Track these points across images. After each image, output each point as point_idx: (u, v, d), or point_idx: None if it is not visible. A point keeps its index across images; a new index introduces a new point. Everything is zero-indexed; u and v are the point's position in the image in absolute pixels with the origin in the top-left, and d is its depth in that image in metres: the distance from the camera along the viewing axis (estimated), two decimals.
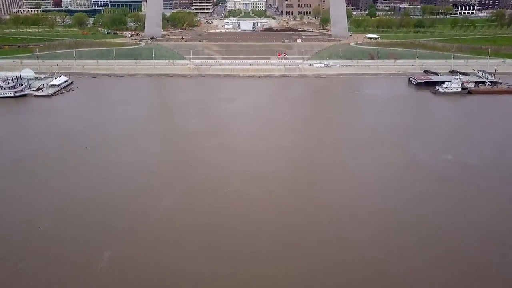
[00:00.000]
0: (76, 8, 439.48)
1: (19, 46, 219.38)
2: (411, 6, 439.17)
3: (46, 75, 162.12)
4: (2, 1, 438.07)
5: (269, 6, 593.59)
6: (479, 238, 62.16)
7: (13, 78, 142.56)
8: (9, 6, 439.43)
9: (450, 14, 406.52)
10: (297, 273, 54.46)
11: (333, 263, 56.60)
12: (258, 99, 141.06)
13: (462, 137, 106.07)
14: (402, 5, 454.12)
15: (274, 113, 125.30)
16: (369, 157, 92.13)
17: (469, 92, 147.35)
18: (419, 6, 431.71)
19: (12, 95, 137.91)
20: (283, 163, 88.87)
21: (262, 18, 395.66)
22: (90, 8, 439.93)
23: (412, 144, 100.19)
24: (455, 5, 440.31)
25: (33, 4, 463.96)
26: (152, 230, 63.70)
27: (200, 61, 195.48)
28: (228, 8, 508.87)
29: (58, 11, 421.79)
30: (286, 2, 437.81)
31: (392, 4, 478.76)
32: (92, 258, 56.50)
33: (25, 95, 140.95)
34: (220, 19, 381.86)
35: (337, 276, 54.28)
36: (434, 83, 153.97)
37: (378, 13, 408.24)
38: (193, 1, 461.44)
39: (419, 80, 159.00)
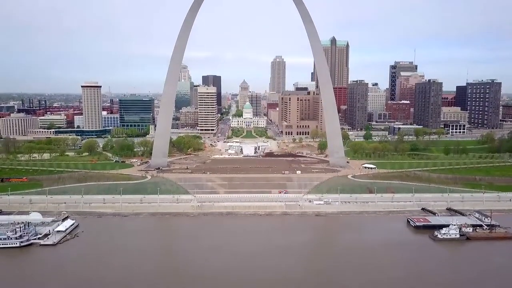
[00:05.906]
0: (87, 129, 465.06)
1: (2, 180, 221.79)
2: (405, 126, 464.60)
3: (53, 218, 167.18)
4: (18, 122, 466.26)
5: (270, 121, 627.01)
6: None
7: (21, 226, 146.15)
8: (24, 127, 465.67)
9: (442, 133, 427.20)
10: None
11: None
12: (250, 248, 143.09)
13: None
14: (396, 125, 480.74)
15: (258, 269, 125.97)
16: None
17: (467, 238, 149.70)
18: (413, 127, 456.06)
19: (18, 245, 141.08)
20: None
21: (263, 139, 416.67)
22: (100, 129, 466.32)
23: None
24: (446, 125, 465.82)
25: (47, 124, 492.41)
26: None
27: (204, 196, 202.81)
28: (232, 126, 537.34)
29: (71, 131, 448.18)
30: (285, 123, 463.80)
31: (386, 123, 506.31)
32: None
33: (30, 244, 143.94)
34: (224, 141, 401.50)
35: None
36: (433, 227, 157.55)
37: (374, 133, 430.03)
38: (198, 122, 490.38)
39: (417, 223, 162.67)
